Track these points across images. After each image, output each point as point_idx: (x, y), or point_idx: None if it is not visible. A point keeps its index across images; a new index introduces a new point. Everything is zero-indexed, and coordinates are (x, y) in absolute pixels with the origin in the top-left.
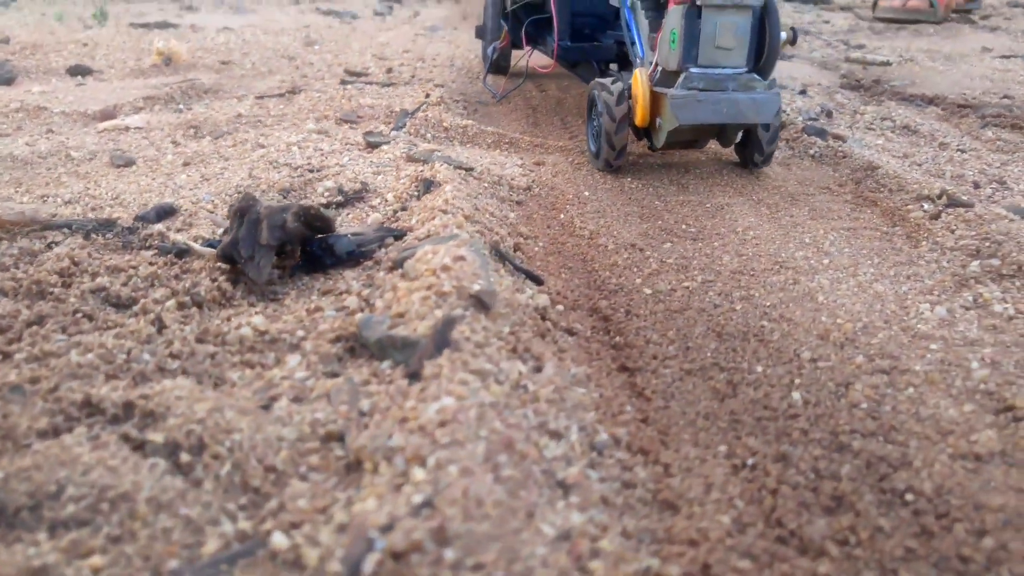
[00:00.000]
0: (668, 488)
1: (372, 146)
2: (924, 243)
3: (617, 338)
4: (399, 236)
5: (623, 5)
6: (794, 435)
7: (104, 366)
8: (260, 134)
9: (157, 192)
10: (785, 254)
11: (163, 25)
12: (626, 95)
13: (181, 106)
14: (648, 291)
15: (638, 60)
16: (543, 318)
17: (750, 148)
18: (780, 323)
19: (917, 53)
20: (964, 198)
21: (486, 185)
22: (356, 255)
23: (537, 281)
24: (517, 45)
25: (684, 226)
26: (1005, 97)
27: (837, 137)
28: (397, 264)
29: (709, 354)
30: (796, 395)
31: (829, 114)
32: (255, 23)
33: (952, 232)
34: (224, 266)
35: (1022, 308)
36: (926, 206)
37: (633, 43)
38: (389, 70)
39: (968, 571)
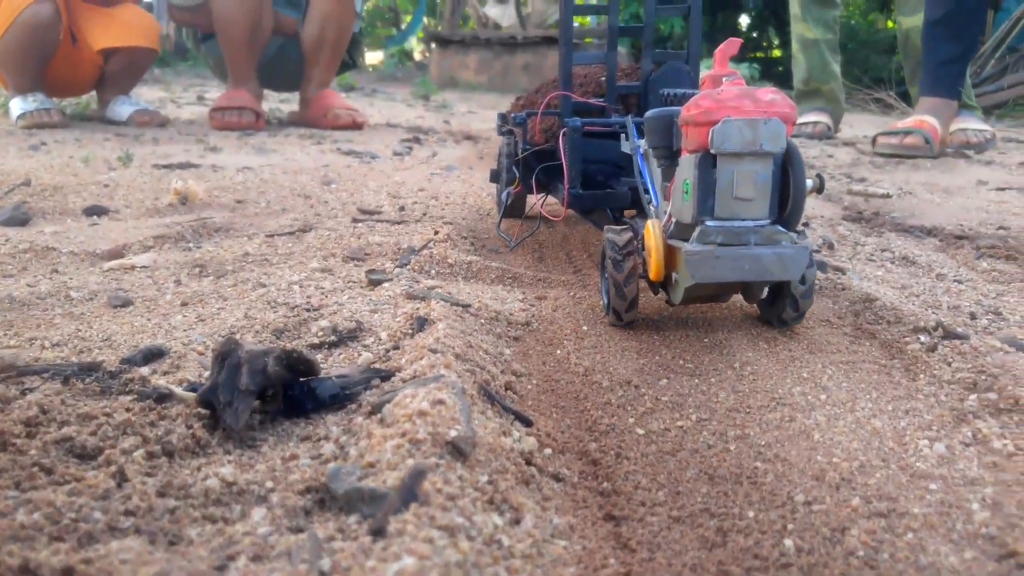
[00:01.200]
0: None
1: (374, 284)
2: (922, 376)
3: (605, 484)
4: (386, 377)
5: (635, 153)
6: None
7: (50, 526)
8: (263, 273)
9: (150, 333)
10: (782, 390)
11: (185, 166)
12: (637, 247)
13: (191, 244)
14: (641, 431)
15: (652, 209)
16: (528, 463)
17: (779, 304)
18: (774, 464)
19: (916, 186)
20: (960, 330)
21: (483, 321)
22: (340, 398)
23: (526, 423)
24: (529, 191)
25: (681, 361)
26: (1000, 228)
27: (837, 269)
28: (376, 408)
29: (699, 499)
30: (788, 542)
31: (831, 246)
32: (275, 163)
33: (949, 365)
34: (203, 412)
35: (1021, 444)
36: (923, 338)
37: (646, 191)
38: (402, 208)
39: None
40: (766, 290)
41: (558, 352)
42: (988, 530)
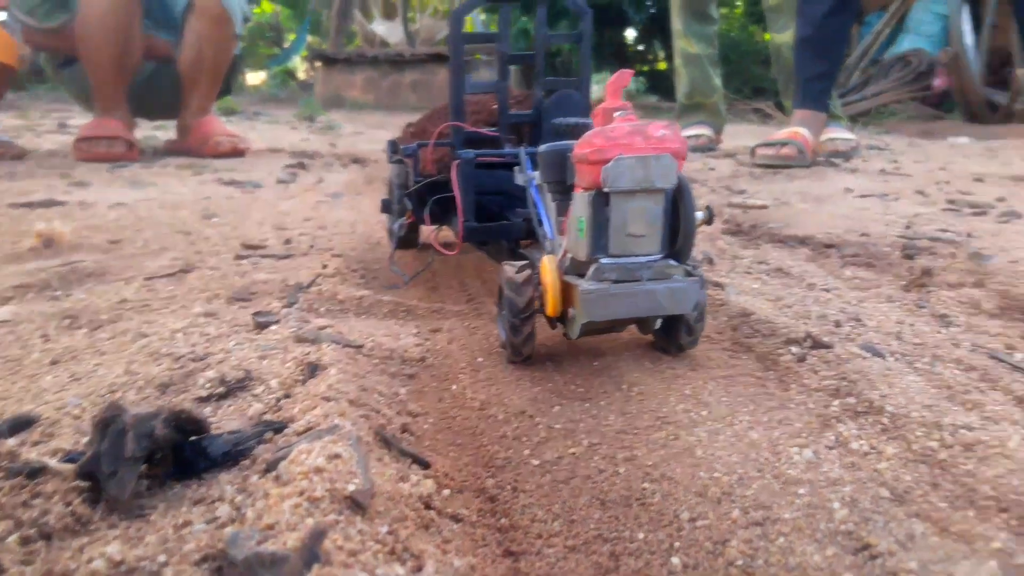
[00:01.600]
0: None
1: (261, 327)
2: (793, 386)
3: (503, 520)
4: (279, 429)
5: (529, 185)
6: None
7: None
8: (144, 321)
9: (16, 399)
10: (667, 408)
11: (48, 203)
12: (533, 283)
13: (59, 293)
14: (536, 462)
15: (547, 243)
16: (427, 507)
17: (674, 332)
18: (661, 483)
19: (791, 195)
20: (825, 339)
21: (376, 361)
22: (232, 455)
23: (423, 465)
24: (422, 223)
25: (573, 386)
26: (863, 235)
27: (716, 284)
28: (271, 466)
29: (593, 525)
30: (676, 560)
31: (711, 261)
32: (152, 197)
33: (816, 373)
34: (84, 484)
35: (875, 444)
36: (794, 349)
37: (540, 223)
38: (288, 241)
39: None
40: (659, 320)
41: (454, 387)
42: (846, 526)
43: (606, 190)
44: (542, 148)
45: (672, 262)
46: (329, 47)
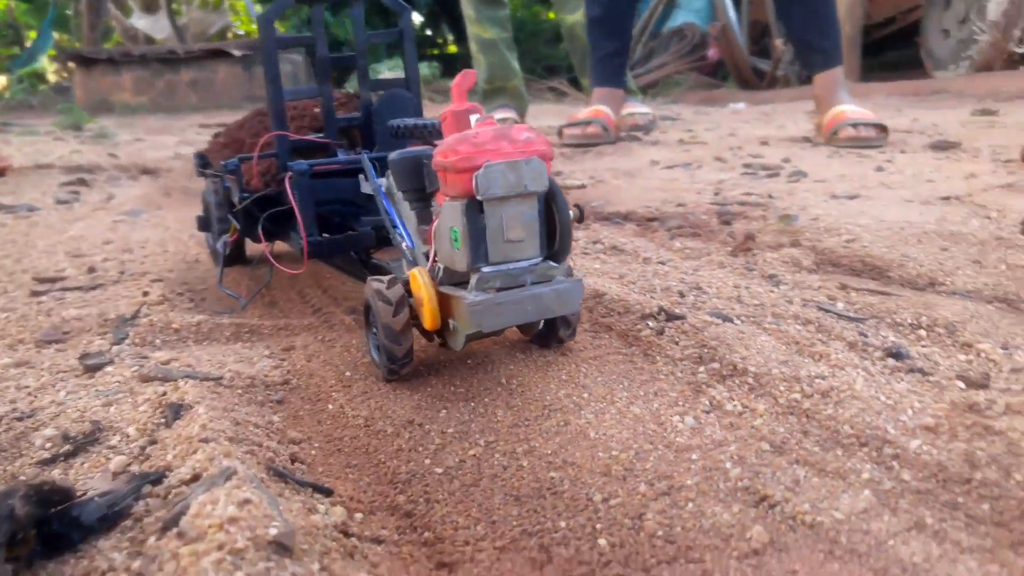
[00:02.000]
0: None
1: (92, 370)
2: (659, 359)
3: (426, 533)
4: (156, 481)
5: (378, 192)
6: None
7: None
8: None
9: None
10: (550, 396)
11: None
12: (406, 302)
13: None
14: (439, 470)
15: (406, 250)
16: (346, 534)
17: (553, 328)
18: (566, 470)
19: (604, 172)
20: (676, 311)
21: (239, 392)
22: (110, 519)
23: (326, 492)
24: (255, 241)
25: (453, 388)
26: (679, 205)
27: None
28: (170, 523)
29: (514, 522)
30: (602, 541)
31: None
32: None
33: (677, 344)
34: None
35: (747, 403)
36: (651, 324)
37: (396, 229)
38: (91, 269)
39: None
40: (542, 321)
41: (330, 407)
42: (743, 483)
43: (479, 198)
44: (394, 156)
45: (552, 263)
46: (84, 45)
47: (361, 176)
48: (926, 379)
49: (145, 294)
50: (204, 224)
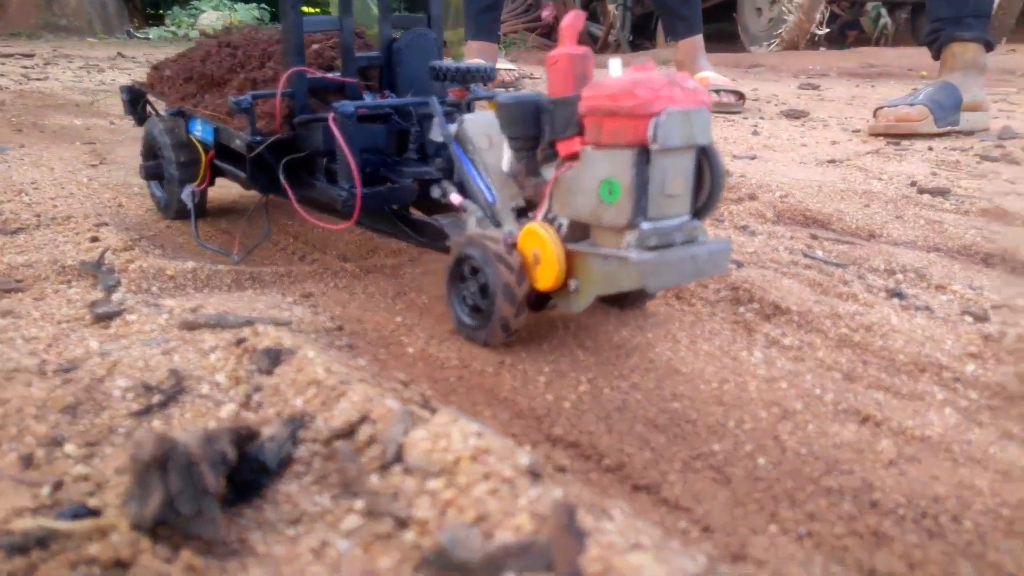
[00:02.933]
0: None
1: (104, 319)
2: (696, 302)
3: (605, 460)
4: (299, 426)
5: (451, 141)
6: (807, 488)
7: None
8: None
9: None
10: (616, 337)
11: None
12: (526, 265)
13: None
14: (567, 405)
15: (484, 204)
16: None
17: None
18: (681, 400)
19: None
20: None
21: (313, 337)
22: (284, 463)
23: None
24: (265, 192)
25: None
26: None
27: None
28: (391, 462)
29: (675, 447)
30: (761, 460)
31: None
32: None
33: (707, 287)
34: (149, 541)
35: (802, 338)
36: None
37: (473, 180)
38: None
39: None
40: None
41: (410, 350)
42: (841, 405)
43: (654, 147)
44: (503, 98)
45: (697, 222)
46: None
47: (434, 121)
48: (934, 316)
49: (94, 239)
50: (153, 171)
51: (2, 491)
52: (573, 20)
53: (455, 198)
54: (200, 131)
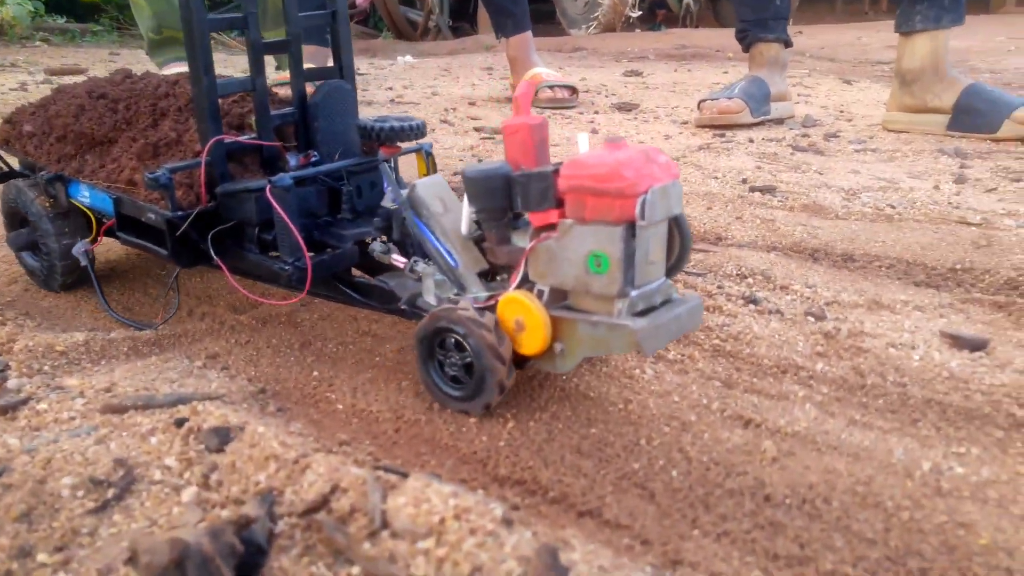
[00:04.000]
0: None
1: (7, 410)
2: None
3: (551, 493)
4: (273, 502)
5: (407, 208)
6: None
7: None
8: None
9: None
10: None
11: None
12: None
13: None
14: (502, 443)
15: (447, 268)
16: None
17: None
18: (598, 426)
19: None
20: None
21: (246, 407)
22: (270, 540)
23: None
24: (186, 265)
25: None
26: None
27: None
28: (379, 528)
29: (601, 470)
30: (674, 472)
31: None
32: None
33: None
34: None
35: (683, 352)
36: None
37: (431, 249)
38: None
39: None
40: None
41: (339, 407)
42: (727, 412)
43: (642, 223)
44: (471, 172)
45: (669, 282)
46: None
47: (388, 187)
48: (784, 318)
49: None
50: (24, 241)
51: None
52: (527, 89)
53: (398, 259)
54: (88, 198)
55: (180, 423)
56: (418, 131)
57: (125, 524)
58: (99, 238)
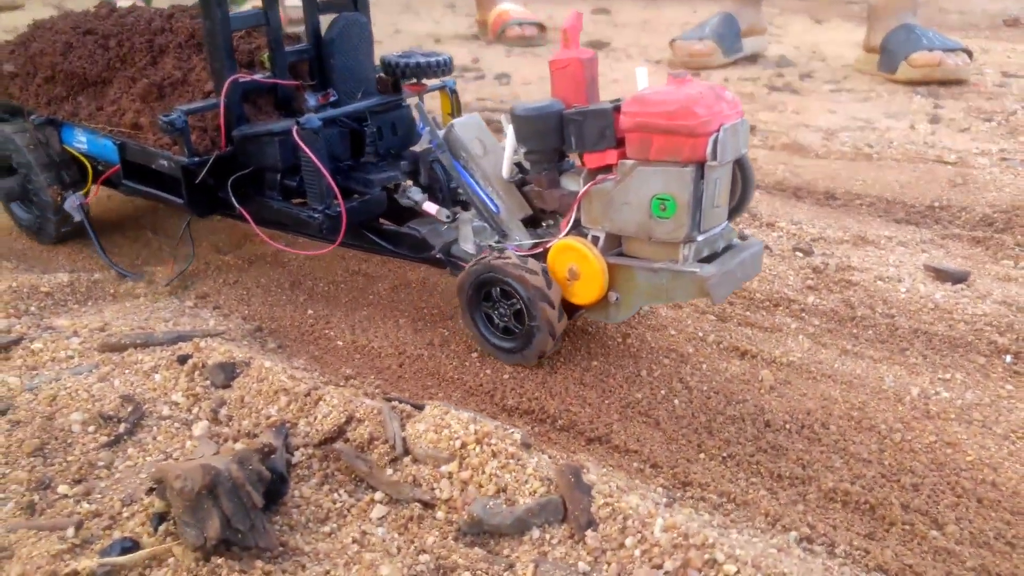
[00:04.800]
0: None
1: (2, 349)
2: None
3: (559, 421)
4: (288, 434)
5: (440, 151)
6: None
7: None
8: None
9: None
10: None
11: None
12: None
13: None
14: (506, 376)
15: (488, 214)
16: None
17: None
18: (599, 359)
19: None
20: None
21: (247, 343)
22: (289, 470)
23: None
24: (202, 215)
25: (400, 301)
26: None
27: None
28: (401, 454)
29: (606, 401)
30: (676, 401)
31: None
32: None
33: None
34: (218, 560)
35: None
36: None
37: (471, 194)
38: None
39: None
40: None
41: (339, 343)
42: (723, 344)
43: (713, 163)
44: (521, 110)
45: (730, 226)
46: None
47: (425, 129)
48: (772, 254)
49: None
50: (12, 191)
51: (25, 540)
52: (575, 21)
53: (429, 207)
54: (84, 143)
55: (183, 360)
56: (445, 67)
57: (140, 457)
58: (95, 190)
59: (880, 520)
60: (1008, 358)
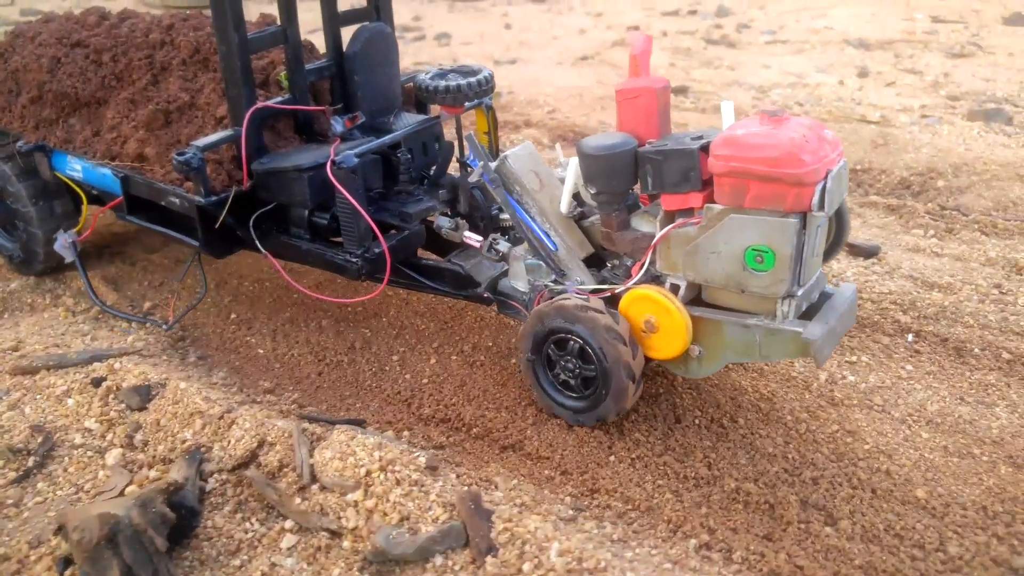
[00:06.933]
0: None
1: None
2: None
3: (474, 429)
4: (201, 460)
5: (493, 185)
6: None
7: None
8: None
9: None
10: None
11: None
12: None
13: None
14: (425, 380)
15: (546, 253)
16: (432, 447)
17: None
18: (516, 355)
19: None
20: None
21: (166, 359)
22: (201, 500)
23: (360, 424)
24: (217, 256)
25: (352, 316)
26: None
27: None
28: (309, 482)
29: (524, 411)
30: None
31: None
32: None
33: None
34: None
35: None
36: None
37: (527, 231)
38: None
39: None
40: None
41: (260, 351)
42: None
43: (819, 214)
44: (591, 148)
45: (821, 270)
46: None
47: (475, 163)
48: None
49: None
50: None
51: None
52: (646, 45)
53: (471, 237)
54: (79, 172)
55: (97, 383)
56: (486, 86)
57: (50, 492)
58: (91, 229)
59: (778, 520)
60: (910, 337)
